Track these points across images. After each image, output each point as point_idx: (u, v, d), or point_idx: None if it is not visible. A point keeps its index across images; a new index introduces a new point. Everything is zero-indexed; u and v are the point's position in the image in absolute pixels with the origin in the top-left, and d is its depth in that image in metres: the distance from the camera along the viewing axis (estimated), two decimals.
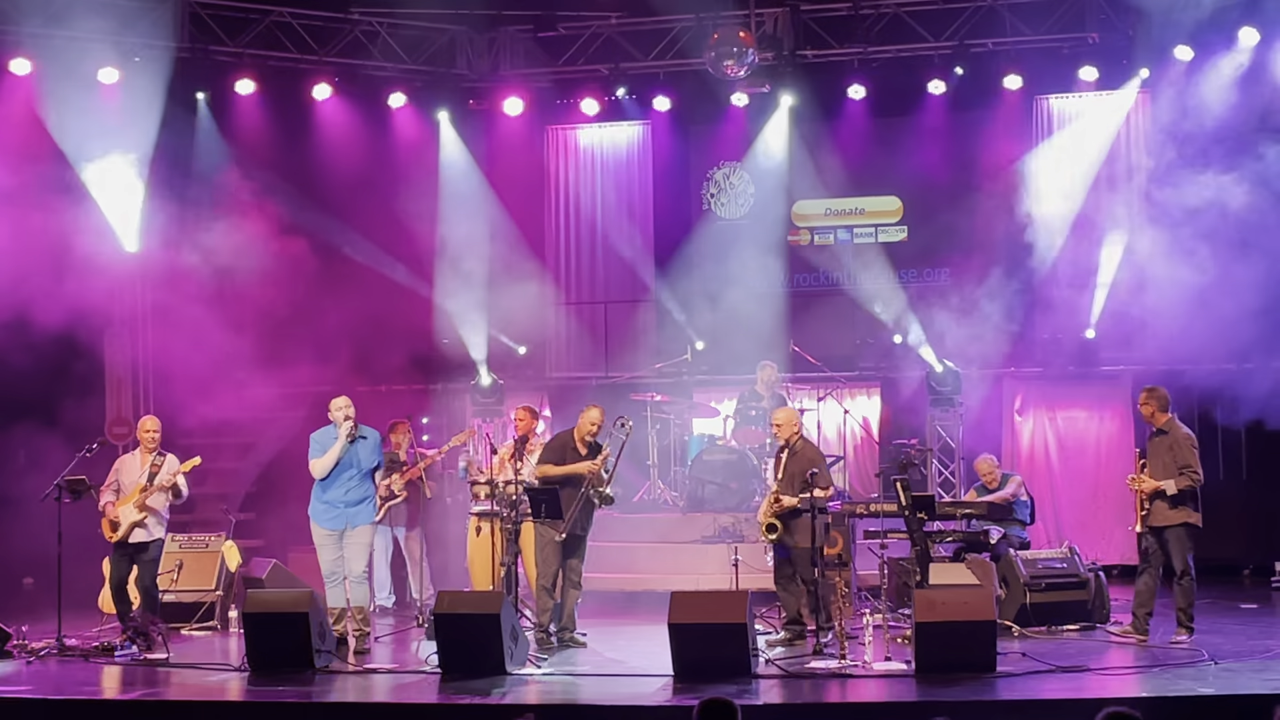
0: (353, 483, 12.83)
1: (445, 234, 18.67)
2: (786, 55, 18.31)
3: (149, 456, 13.27)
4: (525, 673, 11.34)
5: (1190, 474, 12.10)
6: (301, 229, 17.38)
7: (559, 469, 12.88)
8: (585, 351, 19.95)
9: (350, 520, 12.81)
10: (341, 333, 17.19)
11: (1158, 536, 12.22)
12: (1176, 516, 12.12)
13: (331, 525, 12.82)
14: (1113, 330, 17.68)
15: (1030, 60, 18.06)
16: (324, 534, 12.86)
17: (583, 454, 12.93)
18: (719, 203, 20.24)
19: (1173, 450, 12.20)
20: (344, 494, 12.83)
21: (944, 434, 17.90)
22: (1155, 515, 12.17)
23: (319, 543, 12.90)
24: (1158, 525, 12.18)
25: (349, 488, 12.83)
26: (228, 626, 14.37)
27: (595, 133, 20.22)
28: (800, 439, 13.14)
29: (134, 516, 13.00)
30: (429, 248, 18.59)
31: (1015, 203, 18.01)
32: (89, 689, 11.24)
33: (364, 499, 12.88)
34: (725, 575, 13.52)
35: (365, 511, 12.88)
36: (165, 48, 17.40)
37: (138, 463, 13.30)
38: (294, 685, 11.08)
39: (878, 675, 10.98)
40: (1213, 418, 16.86)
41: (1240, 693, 9.94)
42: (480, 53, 19.37)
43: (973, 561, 13.54)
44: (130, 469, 13.30)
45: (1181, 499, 12.09)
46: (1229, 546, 17.18)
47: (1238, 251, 15.74)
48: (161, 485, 13.03)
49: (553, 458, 13.02)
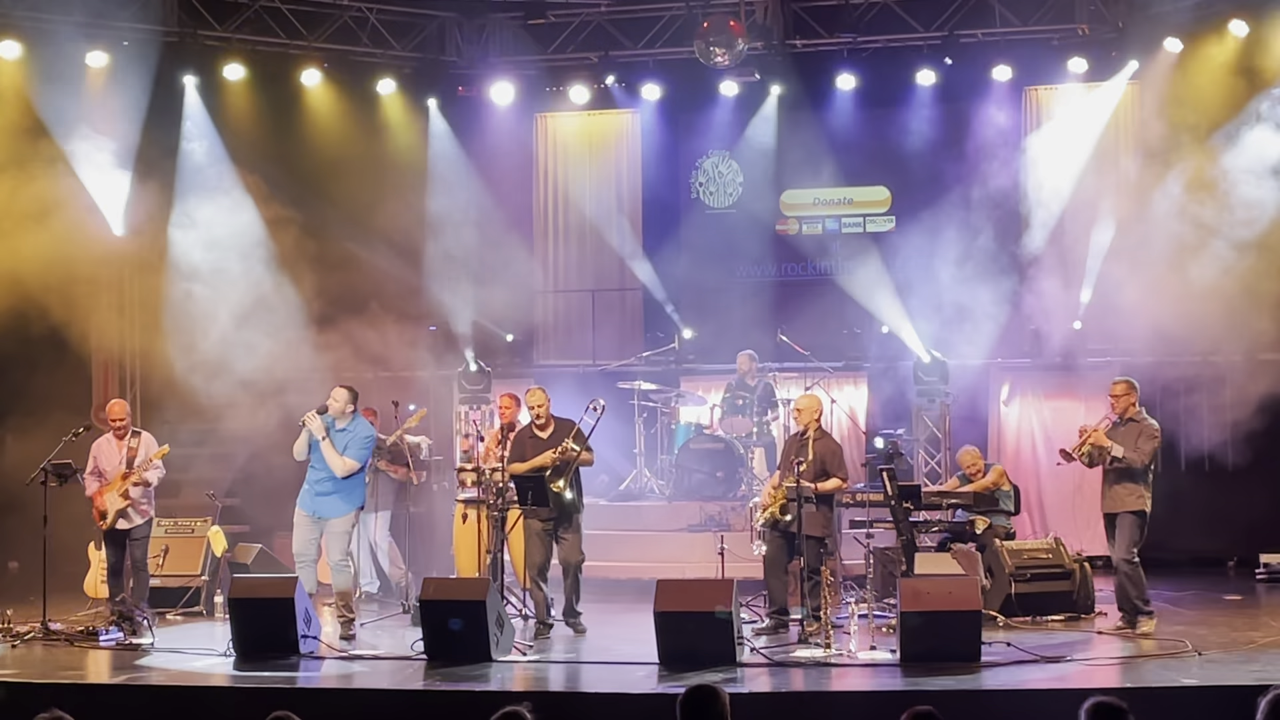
0: (321, 473, 12.85)
1: (433, 221, 18.65)
2: (776, 44, 18.31)
3: (124, 440, 13.30)
4: (511, 660, 11.35)
5: (1144, 455, 12.07)
6: (289, 214, 17.33)
7: (524, 465, 12.87)
8: (573, 339, 19.93)
9: (317, 509, 12.85)
10: (328, 318, 17.16)
11: (1110, 520, 12.24)
12: (1132, 502, 12.12)
13: (304, 506, 12.95)
14: (1100, 321, 17.69)
15: (1019, 51, 18.07)
16: (299, 515, 12.98)
17: (544, 438, 12.91)
18: (707, 191, 20.23)
19: (1137, 440, 12.23)
20: (315, 480, 12.90)
21: (930, 424, 17.93)
22: (1110, 501, 12.17)
23: (295, 520, 13.03)
24: (1111, 511, 12.18)
25: (319, 477, 12.87)
26: (213, 612, 14.38)
27: (584, 121, 20.17)
28: (819, 428, 13.10)
29: (118, 504, 13.09)
30: (417, 234, 18.57)
31: (1003, 194, 18.01)
32: (74, 673, 11.24)
33: (334, 491, 12.86)
34: (711, 564, 13.53)
35: (333, 504, 12.86)
36: (154, 32, 17.35)
37: (114, 446, 13.32)
38: (279, 670, 11.09)
39: (863, 664, 11.01)
40: (1199, 409, 16.90)
41: (1224, 684, 9.97)
42: (470, 40, 19.35)
43: (958, 551, 13.58)
44: (109, 454, 13.33)
45: (1135, 482, 12.06)
46: (1214, 539, 17.24)
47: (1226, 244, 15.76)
48: (140, 473, 13.14)
49: (514, 455, 13.02)
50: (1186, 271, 15.77)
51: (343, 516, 12.91)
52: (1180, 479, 16.49)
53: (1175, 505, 16.51)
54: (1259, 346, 16.33)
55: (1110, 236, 17.45)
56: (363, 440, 12.96)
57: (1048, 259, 17.94)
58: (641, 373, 18.46)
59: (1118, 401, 12.39)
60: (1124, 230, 17.15)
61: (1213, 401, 16.67)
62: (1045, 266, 17.90)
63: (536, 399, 13.03)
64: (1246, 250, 15.78)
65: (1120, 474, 12.17)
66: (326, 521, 12.85)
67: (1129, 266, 16.71)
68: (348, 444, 12.83)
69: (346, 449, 12.80)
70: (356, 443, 12.88)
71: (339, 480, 12.81)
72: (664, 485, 17.63)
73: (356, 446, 12.87)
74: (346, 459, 12.77)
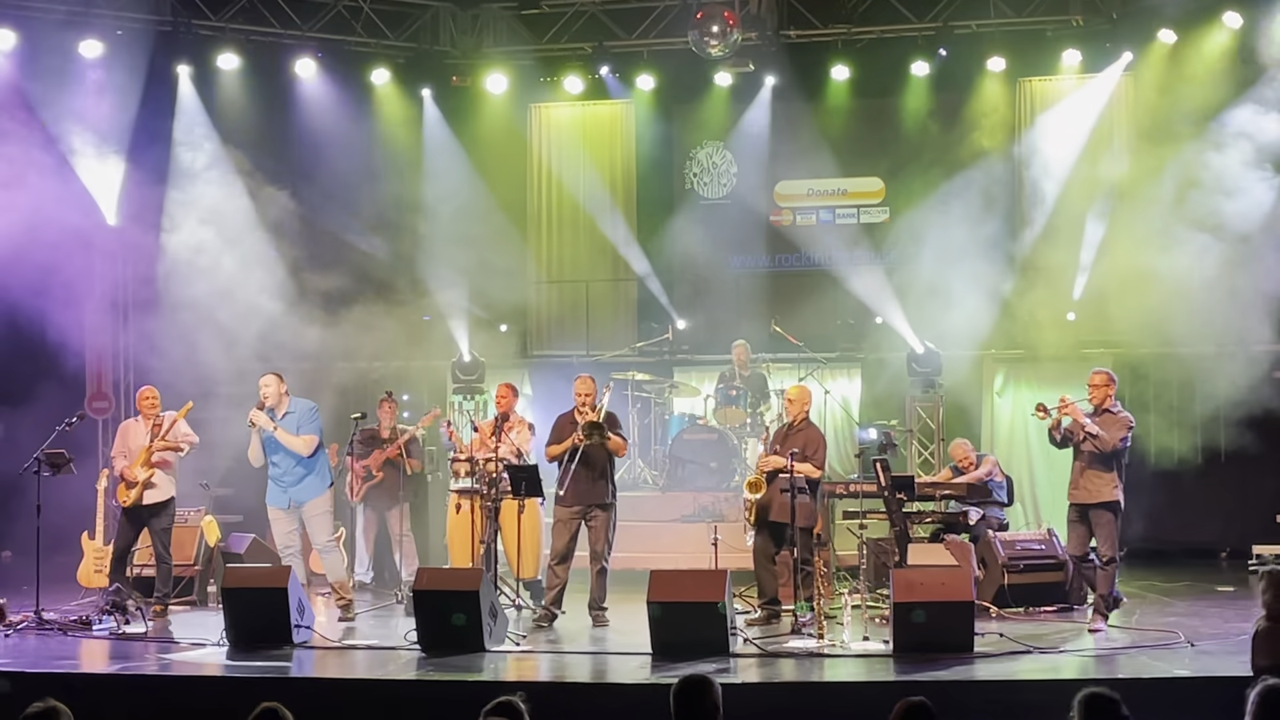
0: (286, 463, 12.88)
1: (427, 211, 18.63)
2: (770, 35, 18.31)
3: (149, 423, 13.46)
4: (504, 650, 11.36)
5: (1115, 439, 12.02)
6: (283, 204, 17.31)
7: (559, 446, 12.91)
8: (566, 329, 19.92)
9: (293, 498, 12.90)
10: (322, 309, 17.16)
11: (1081, 512, 12.19)
12: (1108, 492, 12.05)
13: (276, 503, 13.05)
14: (1093, 313, 17.69)
15: (1014, 42, 18.09)
16: (273, 510, 13.10)
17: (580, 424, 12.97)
18: (701, 182, 20.22)
19: (1111, 428, 12.24)
20: (281, 474, 12.96)
21: (924, 415, 17.94)
22: (1083, 491, 12.16)
23: (271, 518, 13.18)
24: (1084, 502, 12.18)
25: (284, 468, 12.92)
26: (207, 601, 14.38)
27: (578, 111, 20.16)
28: (806, 419, 13.11)
29: (142, 475, 13.17)
30: (410, 224, 18.56)
31: (997, 185, 18.02)
32: (67, 662, 11.21)
33: (305, 475, 12.93)
34: (704, 554, 13.53)
35: (309, 487, 12.96)
36: (148, 21, 17.34)
37: (141, 427, 13.48)
38: (272, 660, 11.09)
39: (855, 655, 11.00)
40: (1191, 401, 16.91)
41: (1216, 675, 9.98)
42: (464, 30, 19.33)
43: (951, 542, 13.58)
44: (136, 433, 13.51)
45: (1109, 471, 12.07)
46: (1206, 530, 17.29)
47: (1219, 235, 15.78)
48: (167, 439, 13.24)
49: (553, 438, 13.09)
50: (1180, 263, 15.78)
51: (320, 497, 13.01)
52: (1173, 470, 16.52)
53: (1168, 497, 16.64)
54: (1253, 337, 16.32)
55: (1104, 228, 17.45)
56: (309, 412, 13.05)
57: (1041, 250, 17.94)
58: (635, 363, 18.47)
59: (1096, 391, 12.36)
60: (1118, 221, 17.15)
61: (1206, 393, 16.66)
62: (1039, 257, 17.90)
63: (585, 387, 13.07)
64: (1240, 241, 15.79)
65: (1094, 461, 12.06)
66: (304, 507, 12.93)
67: (1123, 258, 16.72)
68: (299, 424, 12.92)
69: (300, 429, 12.89)
70: (306, 418, 12.96)
71: (307, 461, 12.91)
72: (658, 476, 17.63)
73: (308, 422, 12.96)
74: (304, 436, 12.86)
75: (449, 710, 9.26)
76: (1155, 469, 16.82)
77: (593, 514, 12.86)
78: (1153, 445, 17.01)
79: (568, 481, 12.71)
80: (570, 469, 12.71)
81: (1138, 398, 16.86)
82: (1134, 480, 16.56)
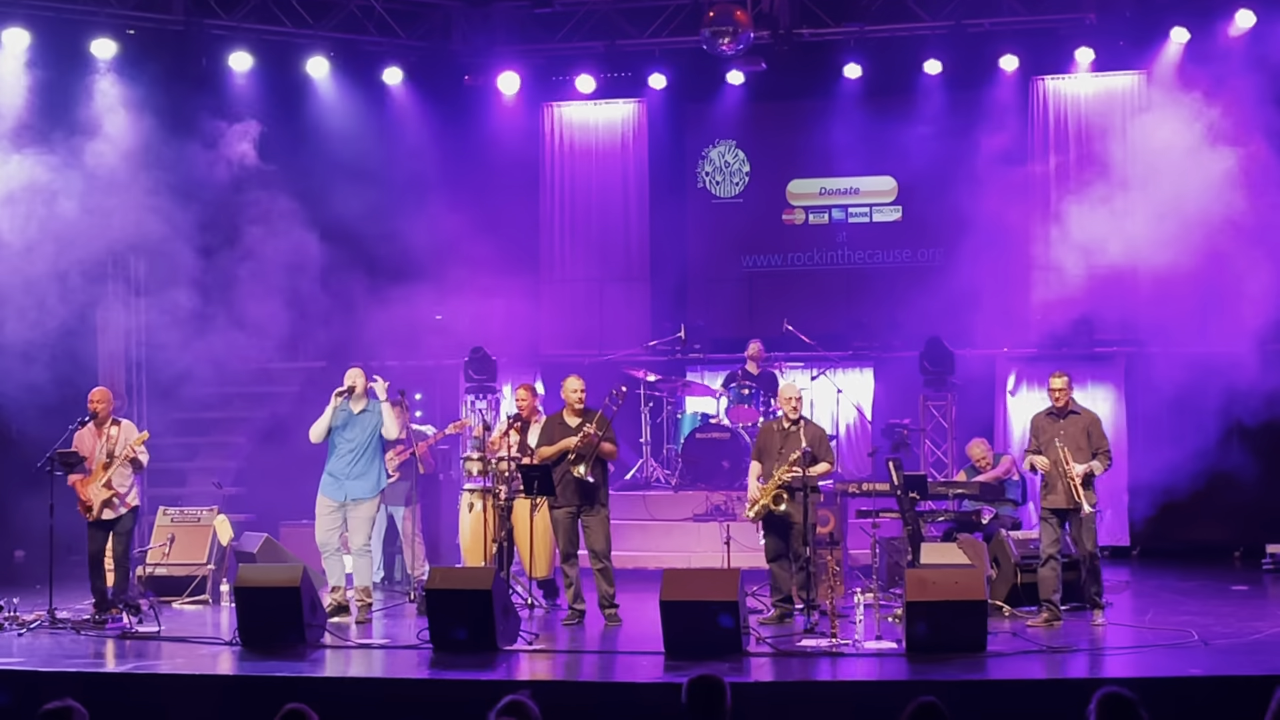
0: (353, 455, 12.90)
1: (439, 209, 18.61)
2: (782, 33, 18.26)
3: (103, 429, 13.20)
4: (516, 649, 11.36)
5: (1107, 456, 12.39)
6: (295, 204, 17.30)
7: (551, 448, 12.90)
8: (578, 329, 19.87)
9: (349, 493, 12.90)
10: (334, 308, 17.17)
11: (1061, 517, 12.29)
12: (1090, 497, 12.25)
13: (331, 495, 13.01)
14: (1107, 312, 17.66)
15: (1027, 40, 18.04)
16: (323, 502, 13.06)
17: (573, 425, 12.92)
18: (714, 181, 20.20)
19: (1088, 433, 12.32)
20: (344, 466, 12.95)
21: (937, 414, 17.91)
22: (1067, 497, 12.21)
23: (318, 512, 13.11)
24: (1065, 507, 12.23)
25: (348, 460, 12.92)
26: (219, 600, 14.40)
27: (590, 110, 20.13)
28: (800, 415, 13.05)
29: (102, 495, 13.00)
30: (423, 223, 18.52)
31: (1010, 183, 17.97)
32: (80, 661, 11.24)
33: (365, 473, 12.94)
34: (717, 553, 13.54)
35: (365, 485, 12.96)
36: (161, 20, 17.34)
37: (94, 436, 13.20)
38: (285, 659, 11.10)
39: (868, 654, 11.00)
40: (1204, 401, 16.85)
41: (1231, 674, 9.97)
42: (476, 28, 19.30)
43: (964, 541, 13.56)
44: (88, 444, 13.20)
45: (1089, 480, 12.22)
46: (1220, 529, 17.23)
47: (1234, 234, 15.74)
48: (124, 457, 13.03)
49: (543, 439, 13.05)
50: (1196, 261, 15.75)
51: (371, 500, 13.09)
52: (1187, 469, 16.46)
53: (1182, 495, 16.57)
54: (1268, 336, 16.29)
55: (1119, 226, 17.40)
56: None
57: (1055, 249, 17.89)
58: (647, 362, 18.45)
59: (1061, 395, 12.48)
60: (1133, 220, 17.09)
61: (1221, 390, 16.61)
62: (1053, 256, 17.86)
63: (574, 385, 13.06)
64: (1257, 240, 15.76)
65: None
66: (354, 506, 12.94)
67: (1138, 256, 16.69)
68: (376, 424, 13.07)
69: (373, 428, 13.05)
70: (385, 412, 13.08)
71: (370, 461, 12.99)
72: (670, 475, 17.63)
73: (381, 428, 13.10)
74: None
75: (461, 709, 9.25)
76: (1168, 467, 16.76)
77: (586, 514, 12.86)
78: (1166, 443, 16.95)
79: (560, 483, 12.71)
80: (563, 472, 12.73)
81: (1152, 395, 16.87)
82: (1146, 478, 16.66)
